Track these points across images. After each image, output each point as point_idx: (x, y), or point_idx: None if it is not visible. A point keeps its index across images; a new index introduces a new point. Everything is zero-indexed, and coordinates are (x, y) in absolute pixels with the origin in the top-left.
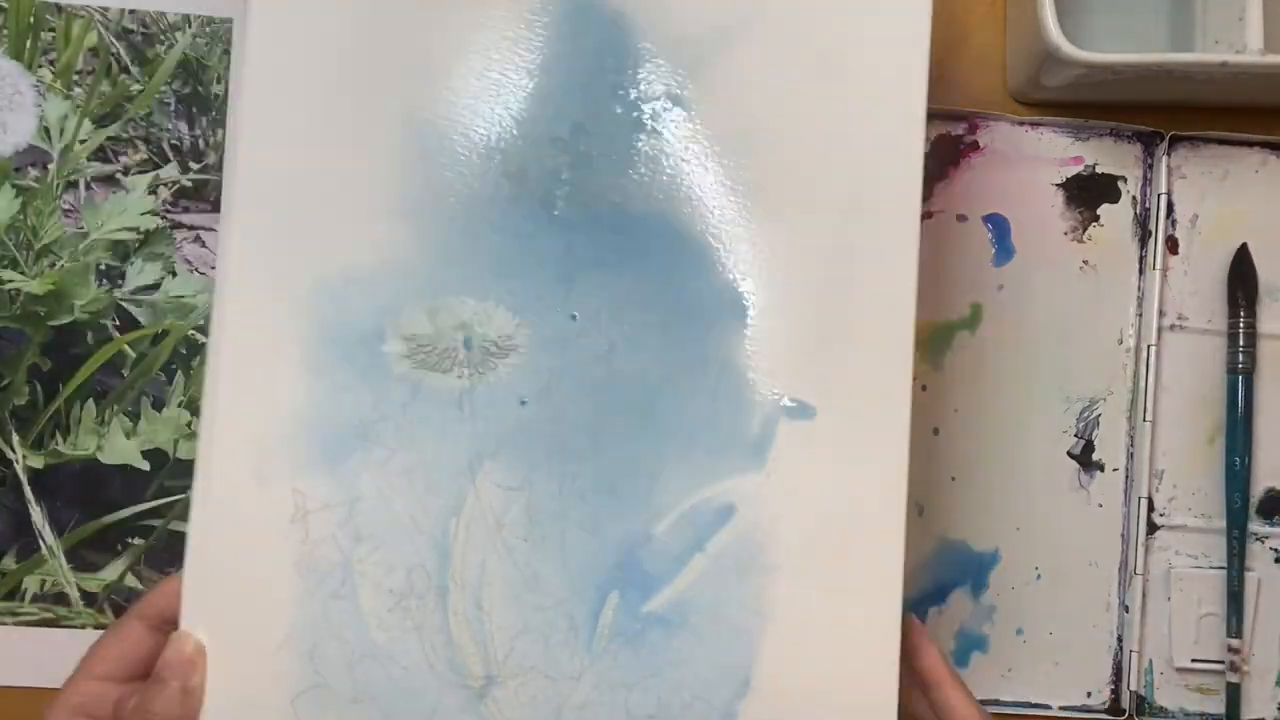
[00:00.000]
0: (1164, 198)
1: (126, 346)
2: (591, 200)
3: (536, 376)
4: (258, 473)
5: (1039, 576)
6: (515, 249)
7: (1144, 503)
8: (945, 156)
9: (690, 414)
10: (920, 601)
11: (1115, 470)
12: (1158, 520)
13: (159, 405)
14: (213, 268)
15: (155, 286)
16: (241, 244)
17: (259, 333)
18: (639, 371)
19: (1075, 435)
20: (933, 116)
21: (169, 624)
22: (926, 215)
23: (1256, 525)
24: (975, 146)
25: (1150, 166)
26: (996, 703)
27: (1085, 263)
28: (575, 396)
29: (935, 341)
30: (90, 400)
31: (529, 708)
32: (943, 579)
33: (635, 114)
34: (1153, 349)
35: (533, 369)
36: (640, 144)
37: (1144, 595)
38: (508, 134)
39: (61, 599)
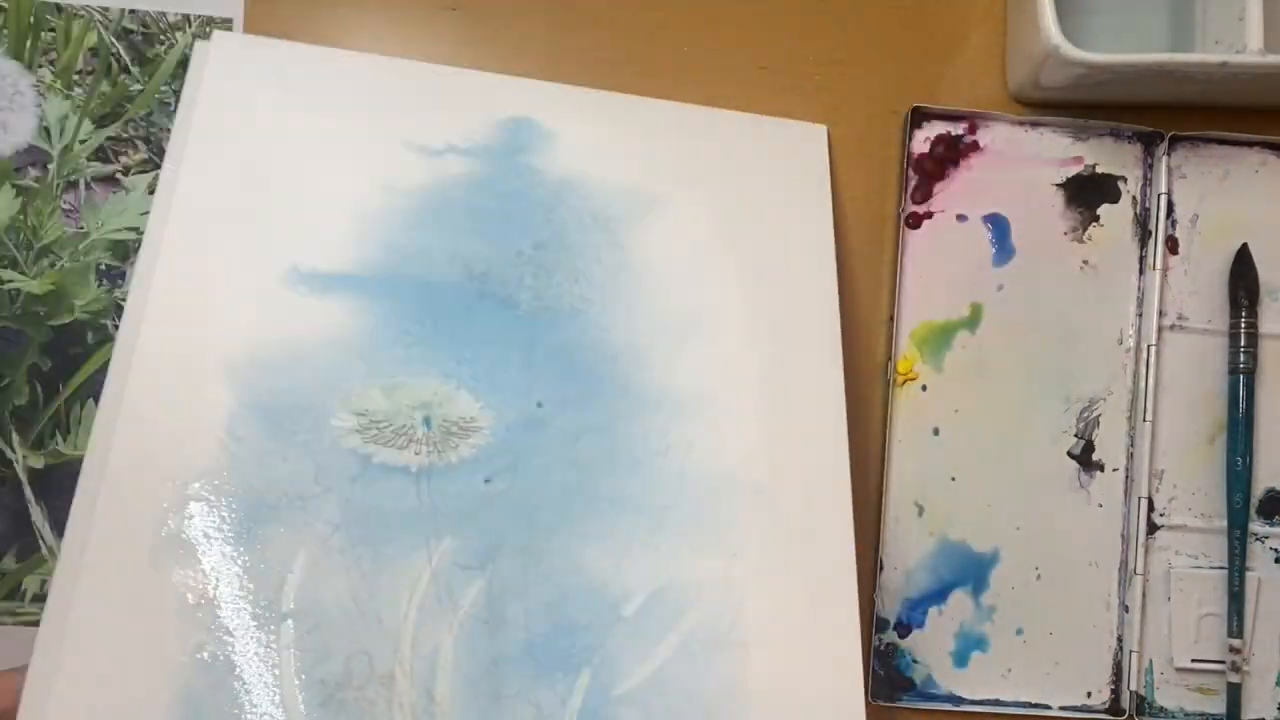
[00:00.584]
0: (1164, 198)
1: None
2: (554, 303)
3: (501, 456)
4: (153, 555)
5: (1039, 576)
6: (479, 337)
7: (1144, 503)
8: (945, 156)
9: (657, 498)
10: (920, 601)
11: (1115, 470)
12: (1158, 520)
13: None
14: None
15: None
16: (157, 307)
17: (168, 397)
18: (605, 457)
19: (1075, 435)
20: (932, 116)
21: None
22: (926, 215)
23: (1257, 525)
24: (975, 146)
25: (1150, 166)
26: (997, 703)
27: (1085, 263)
28: (542, 476)
29: (935, 341)
30: (90, 400)
31: None
32: (943, 579)
33: (594, 236)
34: (1153, 349)
35: (498, 449)
36: (598, 261)
37: (1144, 595)
38: (475, 242)
39: None
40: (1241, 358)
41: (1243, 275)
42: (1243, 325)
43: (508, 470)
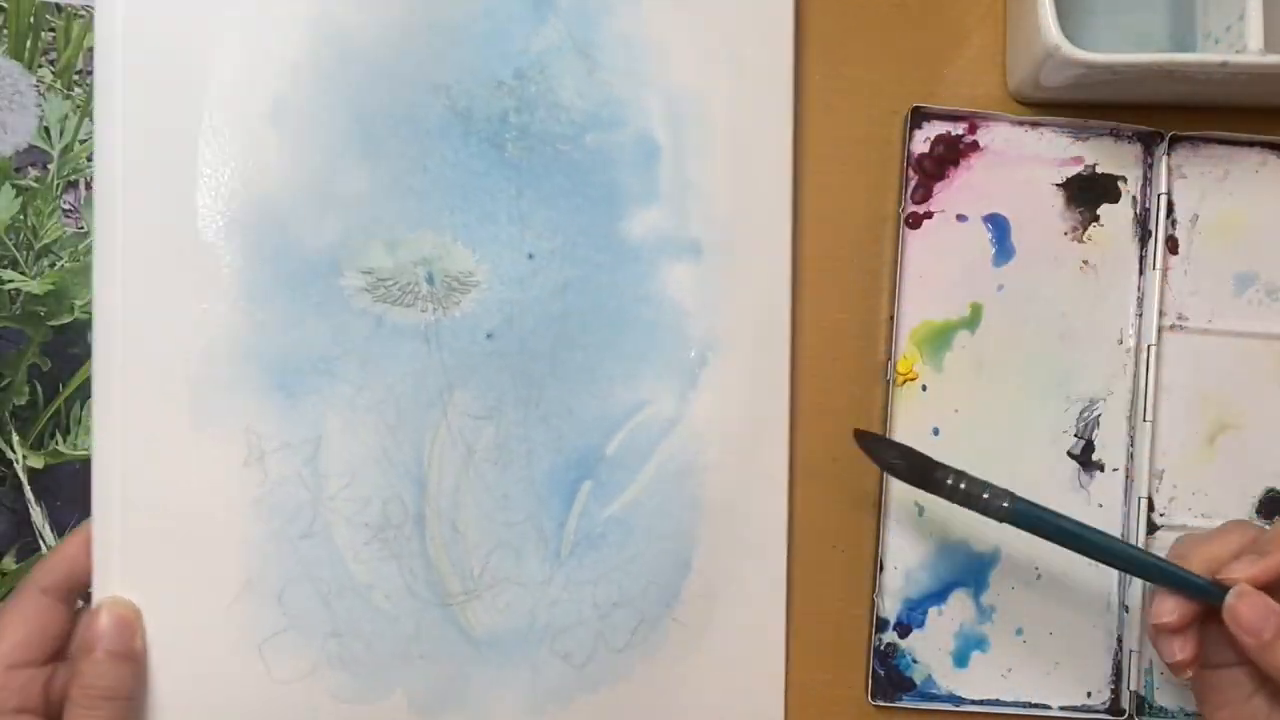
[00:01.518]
0: (1164, 198)
1: None
2: (538, 144)
3: (499, 310)
4: (194, 417)
5: (1039, 576)
6: (470, 186)
7: (1144, 503)
8: (945, 156)
9: (636, 343)
10: (920, 601)
11: (1115, 470)
12: (1158, 520)
13: None
14: None
15: None
16: (138, 173)
17: (173, 267)
18: (590, 306)
19: (1075, 435)
20: (932, 116)
21: (75, 591)
22: (926, 215)
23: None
24: (975, 146)
25: (1150, 166)
26: (997, 702)
27: (1085, 263)
28: (535, 329)
29: (935, 341)
30: (90, 400)
31: (505, 614)
32: (943, 579)
33: (574, 64)
34: (1153, 349)
35: (495, 303)
36: (580, 96)
37: (1144, 595)
38: (455, 69)
39: None
40: (989, 500)
41: (882, 457)
42: (954, 487)
43: (505, 324)
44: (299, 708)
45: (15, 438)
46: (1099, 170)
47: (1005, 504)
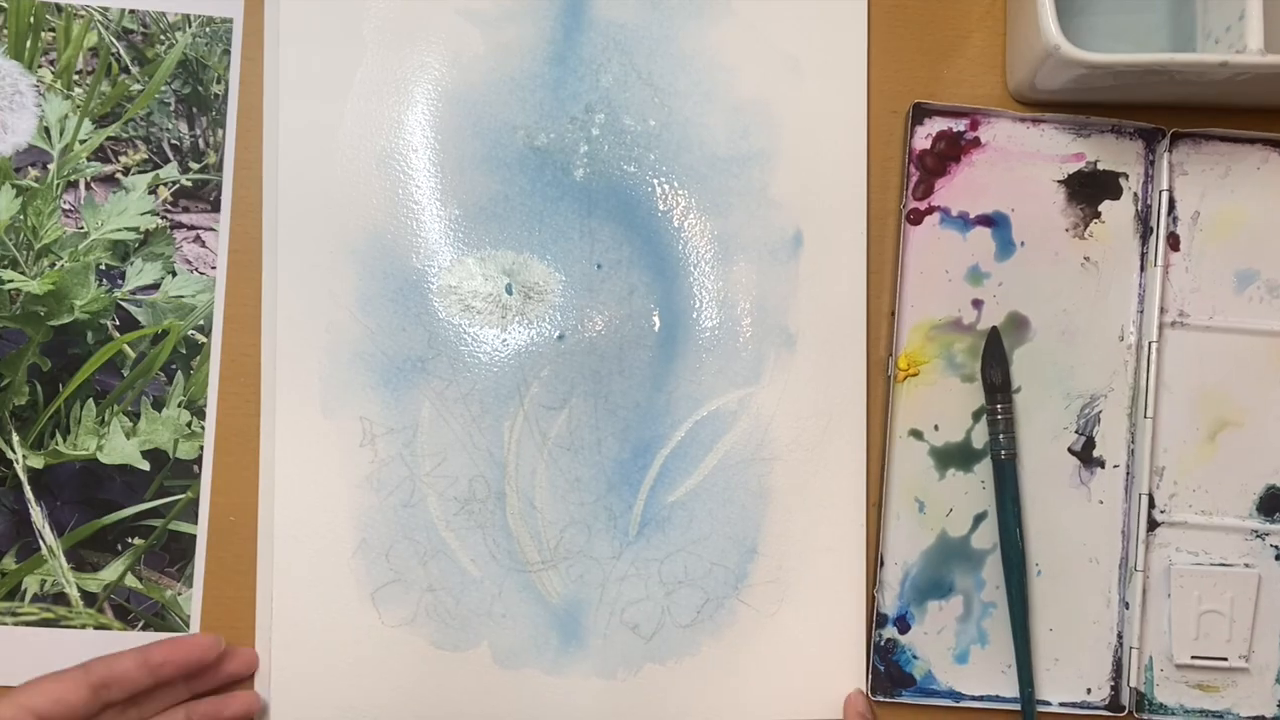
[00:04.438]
0: (1165, 194)
1: (126, 346)
2: (605, 168)
3: (570, 315)
4: (324, 406)
5: (1039, 573)
6: (544, 210)
7: (1144, 499)
8: (947, 153)
9: (699, 341)
10: (921, 597)
11: (1116, 467)
12: (1158, 517)
13: (159, 405)
14: (213, 267)
15: (155, 286)
16: (288, 212)
17: (312, 286)
18: (655, 309)
19: (1076, 432)
20: (934, 113)
21: (107, 688)
22: (928, 212)
23: (1257, 522)
24: (977, 143)
25: (1152, 163)
26: (997, 699)
27: (1087, 259)
28: (604, 331)
29: (936, 338)
30: (90, 400)
31: (578, 583)
32: (944, 575)
33: (639, 94)
34: (1154, 346)
35: (566, 309)
36: (645, 120)
37: (1144, 592)
38: (531, 112)
39: (61, 599)
40: (1001, 442)
41: (994, 361)
42: (999, 412)
43: (575, 327)
44: (403, 651)
45: (15, 438)
46: (1100, 167)
47: (1002, 454)
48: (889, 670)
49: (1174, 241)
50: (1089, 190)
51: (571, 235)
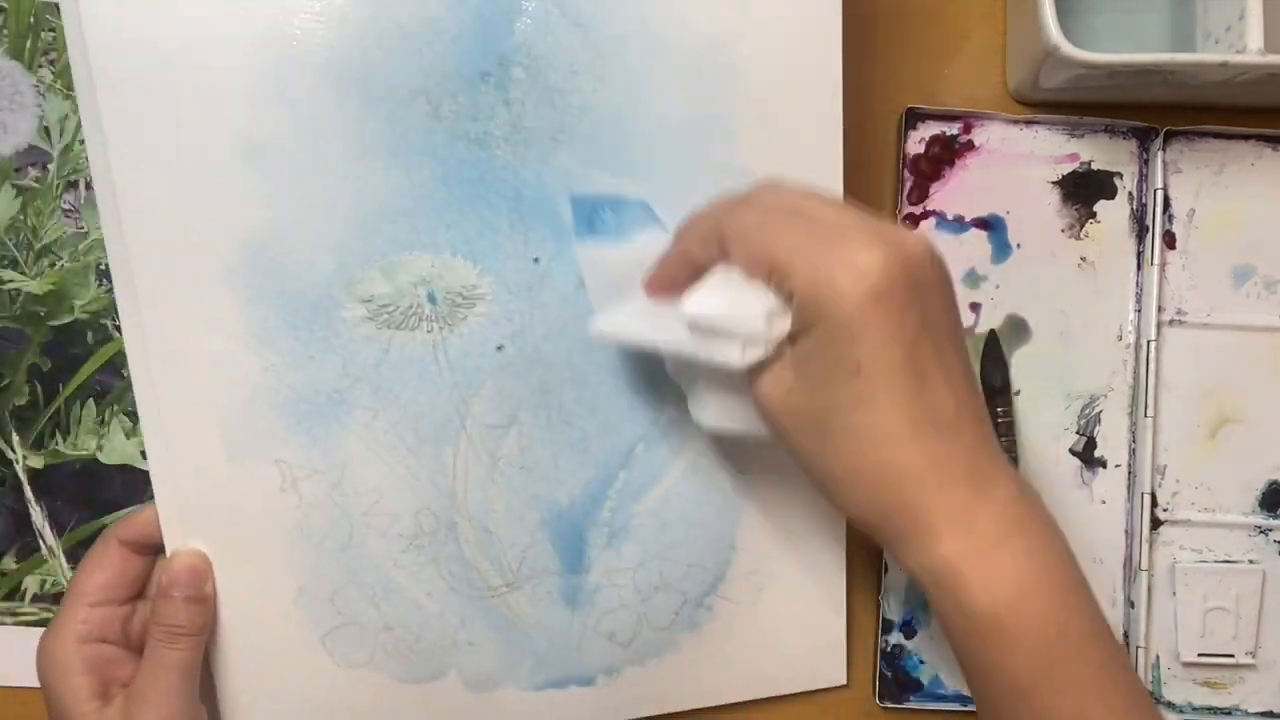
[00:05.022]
0: (1160, 193)
1: None
2: (530, 137)
3: (509, 321)
4: (229, 451)
5: None
6: (463, 196)
7: (1147, 498)
8: (941, 157)
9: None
10: (924, 601)
11: (1118, 466)
12: (1161, 515)
13: None
14: None
15: None
16: (139, 227)
17: (186, 316)
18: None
19: (1077, 432)
20: (927, 117)
21: (151, 548)
22: (923, 216)
23: (1260, 518)
24: (970, 146)
25: (1146, 162)
26: None
27: (1083, 259)
28: (548, 335)
29: None
30: (90, 400)
31: (546, 601)
32: None
33: (566, 39)
34: (1152, 344)
35: (503, 314)
36: (574, 72)
37: (1149, 591)
38: (432, 64)
39: (62, 599)
40: (1003, 445)
41: (992, 364)
42: (999, 415)
43: (515, 334)
44: (365, 688)
45: (15, 438)
46: (1095, 167)
47: None
48: (896, 676)
49: (1170, 240)
50: (1084, 191)
51: (499, 226)
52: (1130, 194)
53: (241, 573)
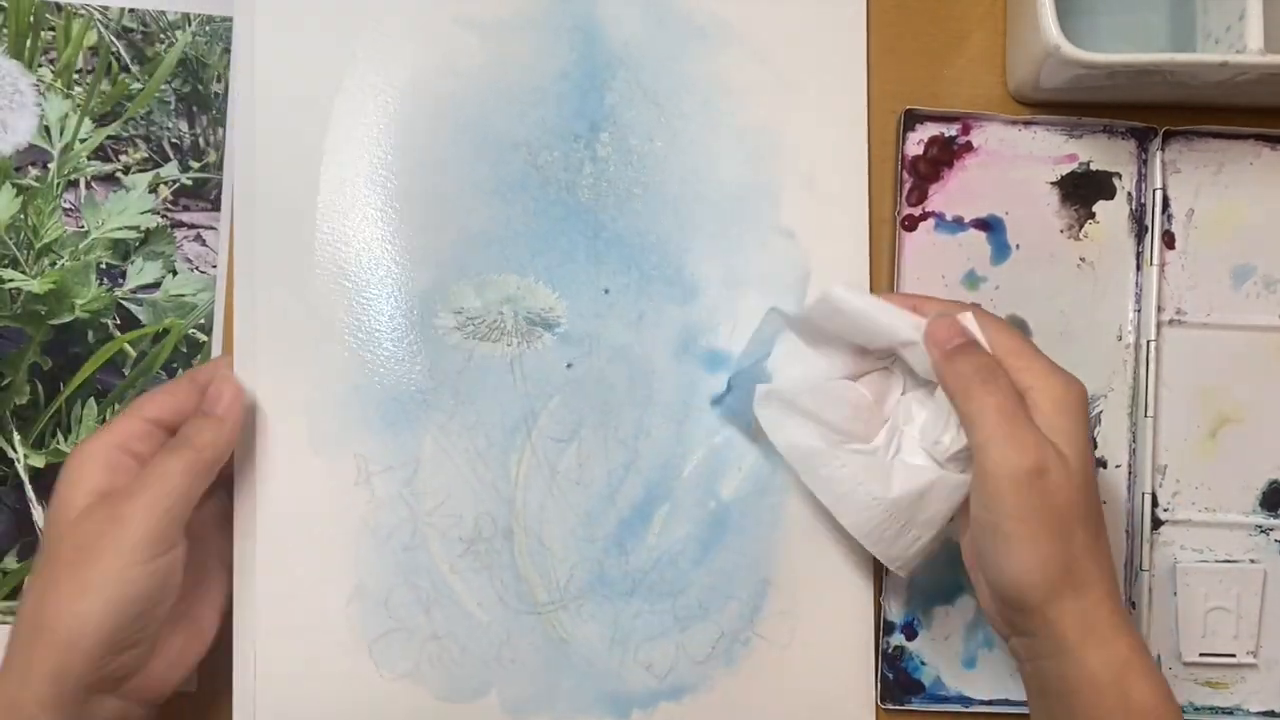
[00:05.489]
0: (1159, 193)
1: (127, 345)
2: (610, 190)
3: (578, 343)
4: (312, 443)
5: None
6: (549, 231)
7: (1148, 498)
8: (939, 158)
9: (709, 369)
10: (928, 603)
11: (1118, 467)
12: (1162, 515)
13: None
14: (213, 266)
15: (156, 285)
16: (270, 229)
17: (298, 316)
18: (665, 335)
19: None
20: (926, 119)
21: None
22: (922, 217)
23: (1261, 517)
24: (969, 147)
25: (1145, 162)
26: (1005, 702)
27: (1082, 260)
28: (612, 358)
29: None
30: (91, 399)
31: (591, 623)
32: (949, 580)
33: (645, 114)
34: (1152, 344)
35: (574, 337)
36: (650, 140)
37: (1150, 591)
38: (533, 128)
39: None
40: None
41: None
42: None
43: (583, 355)
44: (404, 705)
45: (16, 437)
46: (1094, 167)
47: None
48: (897, 677)
49: (1169, 240)
50: (1083, 191)
51: (578, 258)
52: (1129, 194)
53: (304, 565)
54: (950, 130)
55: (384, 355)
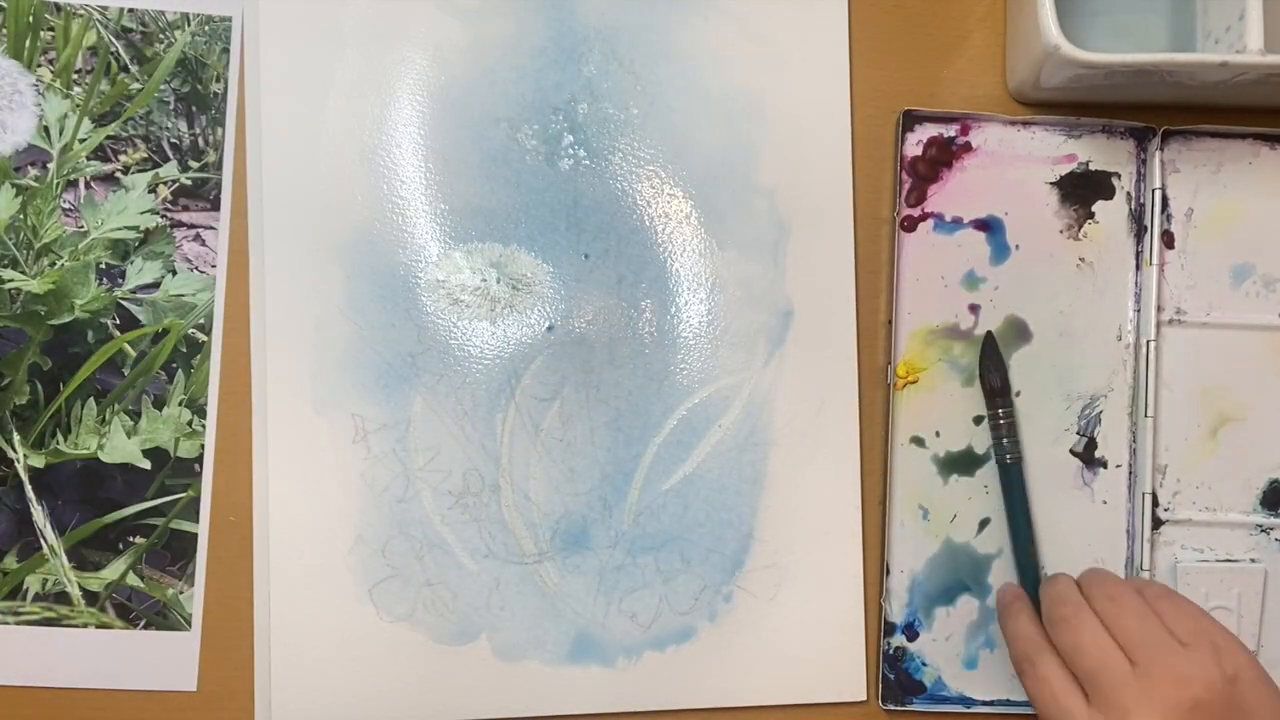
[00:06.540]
0: (1158, 193)
1: (127, 345)
2: (590, 158)
3: (559, 306)
4: (315, 405)
5: (1045, 575)
6: (530, 200)
7: (1148, 498)
8: (938, 159)
9: (689, 329)
10: (929, 604)
11: (1118, 467)
12: (1162, 515)
13: (160, 404)
14: (213, 266)
15: (155, 285)
16: (276, 209)
17: (300, 285)
18: (643, 298)
19: (1077, 433)
20: (924, 119)
21: None
22: (922, 218)
23: (1261, 517)
24: (968, 148)
25: (1144, 162)
26: (1007, 703)
27: (1082, 260)
28: (593, 321)
29: (934, 344)
30: (91, 399)
31: (575, 574)
32: (949, 581)
33: (621, 83)
34: (1152, 344)
35: (555, 300)
36: (626, 109)
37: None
38: (514, 104)
39: (63, 598)
40: (1005, 446)
41: (991, 365)
42: (1000, 416)
43: (564, 317)
44: (403, 646)
45: (16, 437)
46: (1093, 167)
47: (1008, 458)
48: (899, 678)
49: (1168, 239)
50: (1082, 191)
51: (558, 226)
52: (1128, 194)
53: (307, 520)
54: (949, 131)
55: (377, 321)
